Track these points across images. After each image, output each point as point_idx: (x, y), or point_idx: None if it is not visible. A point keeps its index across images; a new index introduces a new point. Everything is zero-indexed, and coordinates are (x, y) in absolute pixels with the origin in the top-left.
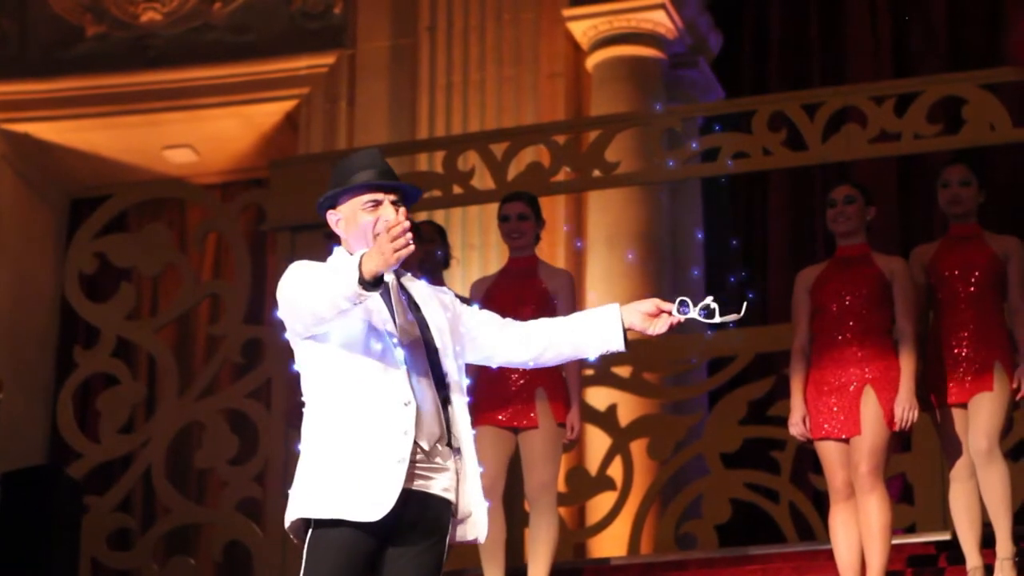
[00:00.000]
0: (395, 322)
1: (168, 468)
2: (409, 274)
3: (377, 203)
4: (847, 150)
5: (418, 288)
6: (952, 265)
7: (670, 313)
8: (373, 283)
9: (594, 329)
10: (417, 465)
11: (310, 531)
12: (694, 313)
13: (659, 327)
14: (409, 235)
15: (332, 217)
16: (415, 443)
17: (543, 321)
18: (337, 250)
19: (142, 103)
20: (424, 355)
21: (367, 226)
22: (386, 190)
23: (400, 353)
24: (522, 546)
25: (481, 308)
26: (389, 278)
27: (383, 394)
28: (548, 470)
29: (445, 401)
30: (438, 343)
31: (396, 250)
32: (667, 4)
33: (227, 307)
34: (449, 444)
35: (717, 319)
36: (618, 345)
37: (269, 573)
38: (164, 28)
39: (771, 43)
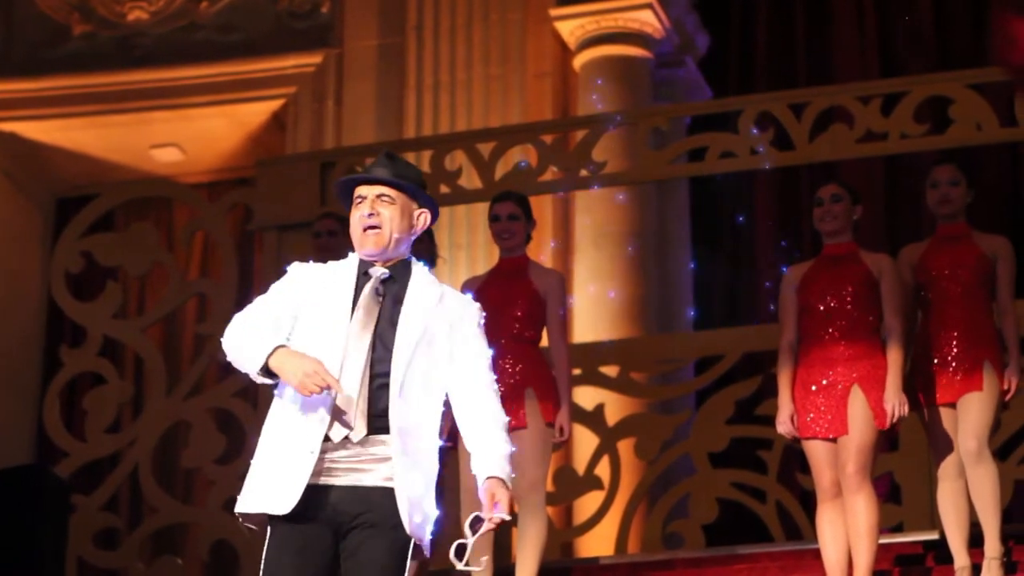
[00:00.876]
0: (351, 314)
1: (155, 467)
2: (422, 264)
3: (363, 199)
4: (834, 150)
5: (418, 279)
6: (941, 265)
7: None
8: (270, 375)
9: (476, 470)
10: (345, 458)
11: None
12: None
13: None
14: (326, 386)
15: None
16: (328, 435)
17: (479, 419)
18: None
19: (129, 102)
20: (368, 348)
21: (353, 223)
22: (368, 184)
23: (341, 344)
24: (510, 545)
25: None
26: (379, 272)
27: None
28: (537, 470)
29: (380, 392)
30: (398, 337)
31: (308, 390)
32: (654, 4)
33: (214, 306)
34: (385, 432)
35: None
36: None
37: (256, 572)
38: (151, 27)
39: (758, 43)
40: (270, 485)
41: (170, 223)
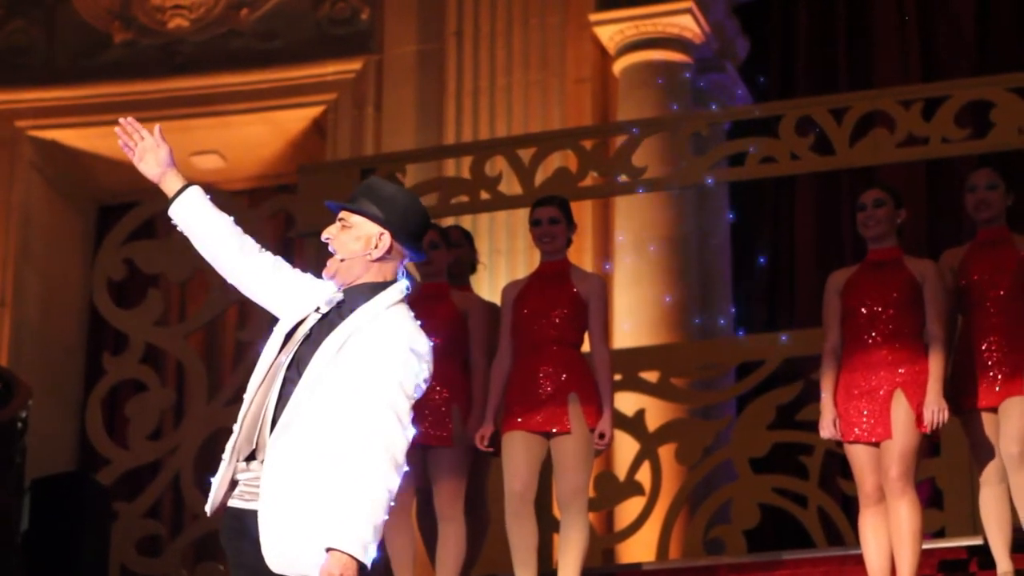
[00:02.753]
0: (286, 339)
1: (197, 474)
2: (402, 285)
3: None
4: (875, 154)
5: (373, 303)
6: (981, 269)
7: None
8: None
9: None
10: (249, 480)
11: None
12: None
13: None
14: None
15: None
16: (236, 456)
17: (344, 476)
18: None
19: (170, 109)
20: (285, 365)
21: None
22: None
23: (274, 355)
24: (552, 551)
25: (515, 313)
26: (334, 296)
27: (248, 387)
28: (580, 475)
29: (277, 416)
30: (312, 360)
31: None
32: (694, 8)
33: (254, 313)
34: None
35: None
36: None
37: None
38: (191, 35)
39: (798, 47)
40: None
41: None
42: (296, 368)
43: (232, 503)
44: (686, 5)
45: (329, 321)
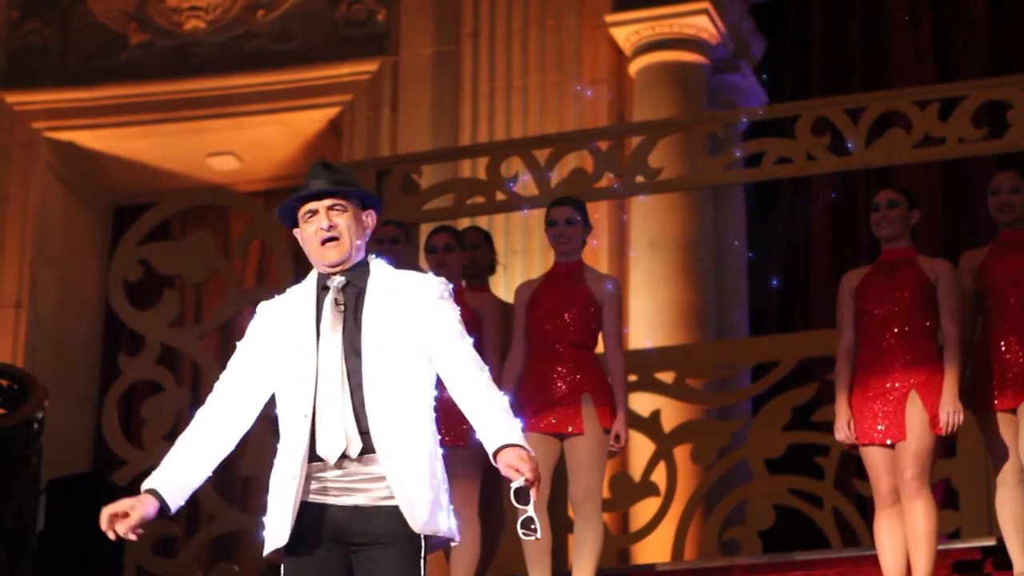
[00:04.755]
0: (318, 328)
1: (212, 475)
2: (378, 258)
3: (314, 213)
4: (891, 155)
5: (376, 275)
6: (1002, 271)
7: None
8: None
9: (487, 444)
10: (339, 478)
11: None
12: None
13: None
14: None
15: (296, 236)
16: (314, 456)
17: (471, 396)
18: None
19: (185, 111)
20: (340, 358)
21: (308, 238)
22: (317, 197)
23: (313, 361)
24: (567, 552)
25: (529, 314)
26: (335, 281)
27: (292, 408)
28: (594, 476)
29: (360, 406)
30: (364, 339)
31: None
32: (710, 9)
33: None
34: (373, 451)
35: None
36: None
37: None
38: (207, 36)
39: (813, 47)
40: (271, 519)
41: (226, 231)
42: (352, 354)
43: (315, 499)
44: (702, 6)
45: (351, 307)
